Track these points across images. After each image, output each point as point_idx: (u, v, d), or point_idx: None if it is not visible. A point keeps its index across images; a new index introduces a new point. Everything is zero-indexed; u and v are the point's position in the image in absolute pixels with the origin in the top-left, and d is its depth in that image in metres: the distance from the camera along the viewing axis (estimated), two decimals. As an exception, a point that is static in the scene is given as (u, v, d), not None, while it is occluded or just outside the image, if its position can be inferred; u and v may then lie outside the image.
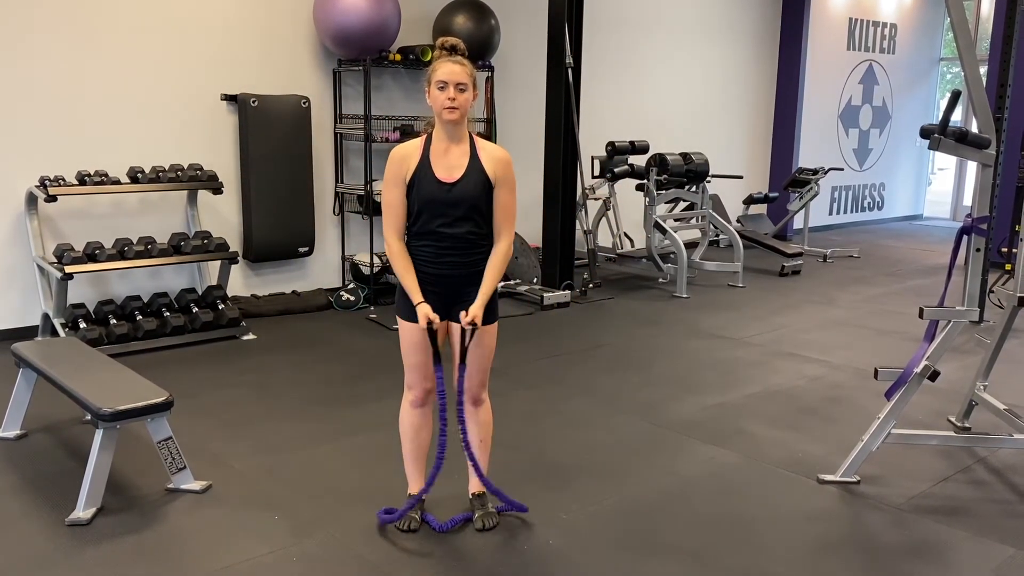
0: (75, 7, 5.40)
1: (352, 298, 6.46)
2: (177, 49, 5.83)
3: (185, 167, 5.72)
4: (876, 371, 3.62)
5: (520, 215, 8.54)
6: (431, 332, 2.90)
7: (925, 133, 3.42)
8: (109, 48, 5.56)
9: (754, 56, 10.17)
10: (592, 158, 7.78)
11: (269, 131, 6.11)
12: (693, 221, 8.09)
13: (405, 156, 2.89)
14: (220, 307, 5.62)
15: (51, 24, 5.32)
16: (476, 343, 2.97)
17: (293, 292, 6.51)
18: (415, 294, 2.89)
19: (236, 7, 6.07)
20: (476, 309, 2.88)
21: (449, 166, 2.86)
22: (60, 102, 5.41)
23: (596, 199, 7.97)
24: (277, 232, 6.27)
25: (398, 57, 6.43)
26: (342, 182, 6.74)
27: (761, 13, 10.13)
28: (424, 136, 2.93)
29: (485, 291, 2.92)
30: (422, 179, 2.85)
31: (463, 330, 2.91)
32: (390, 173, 2.91)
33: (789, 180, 9.40)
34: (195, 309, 5.54)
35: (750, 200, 9.47)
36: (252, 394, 4.57)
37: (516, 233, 7.04)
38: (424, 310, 2.86)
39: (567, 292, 6.80)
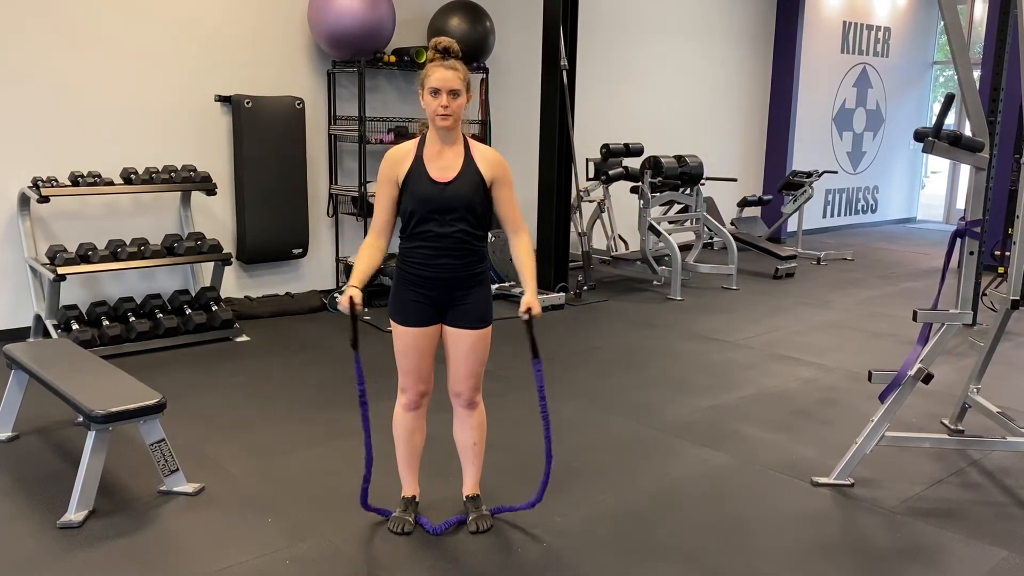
0: (68, 7, 5.38)
1: (346, 300, 6.43)
2: (171, 50, 5.82)
3: (178, 168, 5.71)
4: (870, 374, 3.62)
5: (515, 217, 8.45)
6: (353, 314, 2.83)
7: (919, 137, 3.43)
8: (102, 48, 5.54)
9: (748, 59, 10.19)
10: (587, 160, 7.78)
11: (263, 132, 6.10)
12: (687, 224, 8.10)
13: (399, 159, 2.89)
14: (213, 309, 5.60)
15: (44, 24, 5.30)
16: (470, 346, 2.96)
17: (287, 294, 6.50)
18: (354, 277, 2.87)
19: (230, 8, 6.05)
20: (530, 298, 2.89)
21: (443, 167, 2.86)
22: (53, 102, 5.39)
23: (591, 201, 7.98)
24: (271, 233, 6.26)
25: (393, 59, 6.43)
26: (336, 183, 6.73)
27: (755, 16, 10.15)
28: (418, 137, 2.93)
29: (530, 279, 2.93)
30: (416, 179, 2.85)
31: (527, 322, 2.89)
32: (382, 174, 2.92)
33: (783, 183, 9.42)
34: (188, 311, 5.53)
35: (744, 203, 9.49)
36: (246, 396, 4.56)
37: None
38: (350, 292, 2.81)
39: (561, 294, 6.80)
